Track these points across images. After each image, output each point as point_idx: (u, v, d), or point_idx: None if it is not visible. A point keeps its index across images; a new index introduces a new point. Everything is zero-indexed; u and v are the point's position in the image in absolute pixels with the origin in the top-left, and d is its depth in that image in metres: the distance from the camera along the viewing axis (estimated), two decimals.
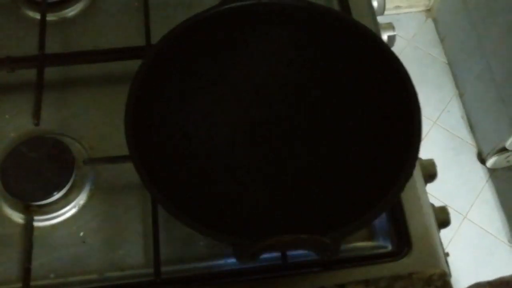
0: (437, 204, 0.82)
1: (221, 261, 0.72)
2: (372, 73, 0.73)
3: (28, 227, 0.72)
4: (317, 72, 0.77)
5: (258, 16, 0.75)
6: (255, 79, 0.79)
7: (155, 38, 0.73)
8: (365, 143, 0.73)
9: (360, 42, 0.73)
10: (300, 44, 0.76)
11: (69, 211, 0.74)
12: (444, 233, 0.81)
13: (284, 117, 0.79)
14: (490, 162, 1.79)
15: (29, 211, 0.73)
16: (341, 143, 0.76)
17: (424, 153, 0.73)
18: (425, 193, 0.77)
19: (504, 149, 1.72)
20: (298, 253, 0.71)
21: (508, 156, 1.74)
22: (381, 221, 0.74)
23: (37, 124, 0.75)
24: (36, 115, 0.76)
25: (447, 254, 0.77)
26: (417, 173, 0.77)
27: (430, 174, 0.82)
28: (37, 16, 0.86)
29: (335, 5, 0.89)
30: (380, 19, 0.91)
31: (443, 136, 1.89)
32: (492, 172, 1.82)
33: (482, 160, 1.84)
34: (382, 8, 0.93)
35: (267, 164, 0.76)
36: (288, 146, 0.78)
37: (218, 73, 0.77)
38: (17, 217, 0.73)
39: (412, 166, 0.63)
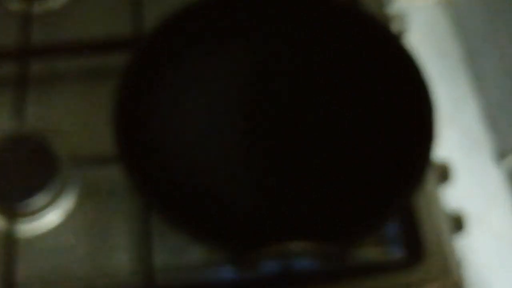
0: (451, 207, 0.80)
1: (219, 270, 0.70)
2: (382, 68, 0.72)
3: (11, 235, 0.70)
4: (322, 67, 0.75)
5: (259, 6, 0.75)
6: (255, 73, 0.77)
7: (147, 29, 0.73)
8: (375, 142, 0.72)
9: (369, 35, 0.72)
10: (305, 35, 0.75)
11: (55, 216, 0.71)
12: (459, 238, 0.79)
13: (286, 115, 0.76)
14: (508, 162, 1.77)
15: (12, 217, 0.70)
16: (348, 142, 0.74)
17: (438, 153, 0.70)
18: (439, 196, 0.75)
19: None
20: (301, 262, 0.69)
21: None
22: (391, 226, 0.72)
23: (20, 124, 0.74)
24: (19, 113, 0.74)
25: (461, 261, 0.75)
26: (431, 175, 0.75)
27: (444, 175, 0.80)
28: (22, 7, 0.84)
29: None
30: (390, 10, 0.88)
31: (458, 135, 1.86)
32: (510, 173, 1.79)
33: (499, 160, 1.81)
34: None
35: (268, 165, 0.74)
36: (290, 145, 0.75)
37: (214, 66, 0.76)
38: None
39: (425, 168, 0.62)
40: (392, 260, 0.70)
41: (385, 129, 0.71)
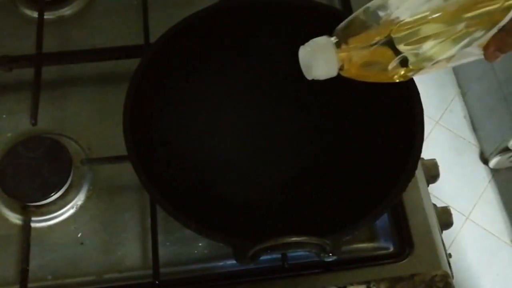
0: (439, 204, 0.81)
1: (221, 263, 0.72)
2: None
3: (26, 228, 0.72)
4: None
5: (256, 14, 0.75)
6: (255, 77, 0.79)
7: (154, 36, 0.73)
8: (366, 143, 0.73)
9: None
10: (300, 42, 0.75)
11: (66, 211, 0.74)
12: (446, 234, 0.81)
13: (284, 116, 0.78)
14: (492, 162, 1.79)
15: (27, 212, 0.73)
16: (342, 143, 0.75)
17: (426, 153, 0.73)
18: (427, 193, 0.77)
19: (506, 149, 1.71)
20: (298, 254, 0.71)
21: (510, 156, 1.74)
22: (382, 222, 0.74)
23: (34, 124, 0.75)
24: (34, 114, 0.75)
25: (449, 255, 0.77)
26: (419, 174, 0.77)
27: (432, 174, 0.82)
28: (35, 14, 0.85)
29: (337, 4, 0.89)
30: None
31: (445, 136, 1.88)
32: (495, 173, 1.81)
33: (484, 160, 1.83)
34: None
35: (268, 164, 0.76)
36: (288, 146, 0.77)
37: (217, 71, 0.77)
38: (15, 218, 0.73)
39: (414, 167, 0.63)
40: (382, 254, 0.72)
41: (376, 131, 0.72)
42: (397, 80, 0.55)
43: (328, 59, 0.56)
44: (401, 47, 0.52)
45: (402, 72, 0.54)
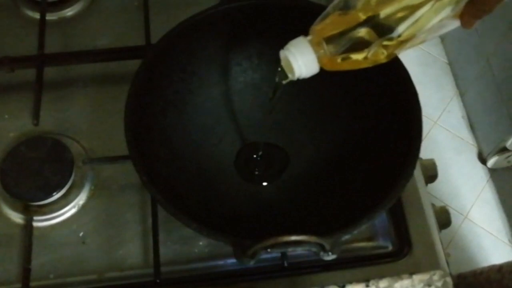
0: (438, 204, 0.82)
1: (221, 262, 0.72)
2: (371, 72, 0.71)
3: (28, 227, 0.72)
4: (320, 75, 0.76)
5: (257, 14, 0.75)
6: (255, 77, 0.79)
7: (155, 38, 0.73)
8: (365, 143, 0.73)
9: None
10: None
11: (68, 211, 0.74)
12: (445, 233, 0.81)
13: (284, 116, 0.79)
14: (490, 162, 1.79)
15: (29, 211, 0.73)
16: (340, 143, 0.76)
17: (425, 153, 0.73)
18: (426, 193, 0.77)
19: (504, 149, 1.72)
20: (298, 253, 0.71)
21: (508, 156, 1.74)
22: (381, 221, 0.74)
23: (36, 124, 0.75)
24: (36, 115, 0.76)
25: (447, 254, 0.77)
26: (418, 173, 0.78)
27: (430, 174, 0.82)
28: (37, 15, 0.86)
29: None
30: None
31: (443, 136, 1.89)
32: (493, 172, 1.82)
33: (482, 160, 1.84)
34: None
35: (267, 164, 0.77)
36: (288, 145, 0.78)
37: (218, 72, 0.77)
38: (17, 217, 0.73)
39: (413, 166, 0.63)
40: (381, 253, 0.73)
41: (375, 131, 0.72)
42: (384, 61, 0.56)
43: (307, 58, 0.57)
44: (386, 24, 0.53)
45: (386, 52, 0.55)
